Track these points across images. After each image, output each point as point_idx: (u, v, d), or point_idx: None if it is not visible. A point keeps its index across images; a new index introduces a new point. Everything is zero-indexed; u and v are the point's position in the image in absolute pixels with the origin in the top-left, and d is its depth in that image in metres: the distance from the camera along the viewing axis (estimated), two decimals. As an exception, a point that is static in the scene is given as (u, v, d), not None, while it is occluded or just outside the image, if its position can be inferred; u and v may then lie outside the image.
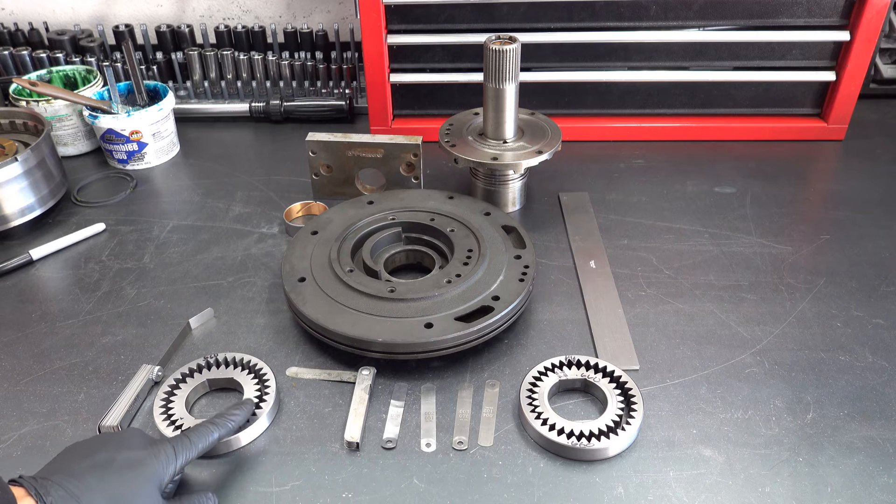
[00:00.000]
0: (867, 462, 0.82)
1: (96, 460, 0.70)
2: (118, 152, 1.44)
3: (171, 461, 0.73)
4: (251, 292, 1.11)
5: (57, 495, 0.64)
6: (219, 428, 0.80)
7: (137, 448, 0.73)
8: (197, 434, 0.78)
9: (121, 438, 0.74)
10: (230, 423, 0.81)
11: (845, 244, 1.18)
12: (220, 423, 0.80)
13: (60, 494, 0.64)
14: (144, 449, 0.73)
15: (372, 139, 1.26)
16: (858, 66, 1.40)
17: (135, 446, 0.73)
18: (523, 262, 1.03)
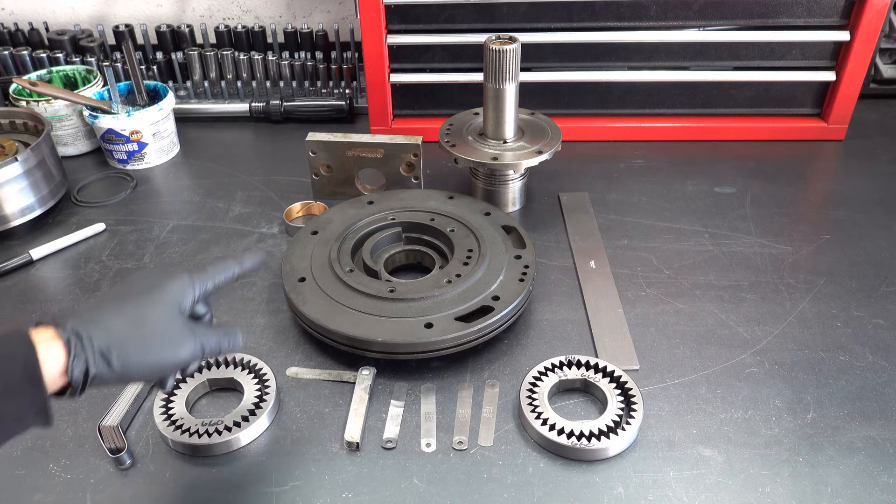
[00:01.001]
0: (867, 462, 0.82)
1: (113, 292, 0.70)
2: (118, 152, 1.44)
3: (187, 285, 0.72)
4: (251, 292, 1.11)
5: (76, 322, 0.64)
6: (237, 263, 0.78)
7: (155, 275, 0.72)
8: (214, 265, 0.76)
9: (137, 274, 0.74)
10: (247, 263, 0.79)
11: (845, 244, 1.18)
12: (238, 260, 0.79)
13: (80, 322, 0.64)
14: (162, 275, 0.72)
15: (372, 139, 1.26)
16: (858, 66, 1.40)
17: (150, 276, 0.72)
18: (523, 262, 1.03)
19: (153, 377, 0.70)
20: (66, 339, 0.62)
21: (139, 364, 0.66)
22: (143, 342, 0.66)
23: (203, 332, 0.72)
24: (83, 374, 0.62)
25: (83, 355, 0.62)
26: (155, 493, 0.81)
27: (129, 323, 0.66)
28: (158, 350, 0.67)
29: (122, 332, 0.65)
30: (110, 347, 0.64)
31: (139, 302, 0.68)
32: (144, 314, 0.67)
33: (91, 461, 0.85)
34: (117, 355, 0.64)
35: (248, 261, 0.80)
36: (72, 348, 0.62)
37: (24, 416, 0.60)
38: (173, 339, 0.68)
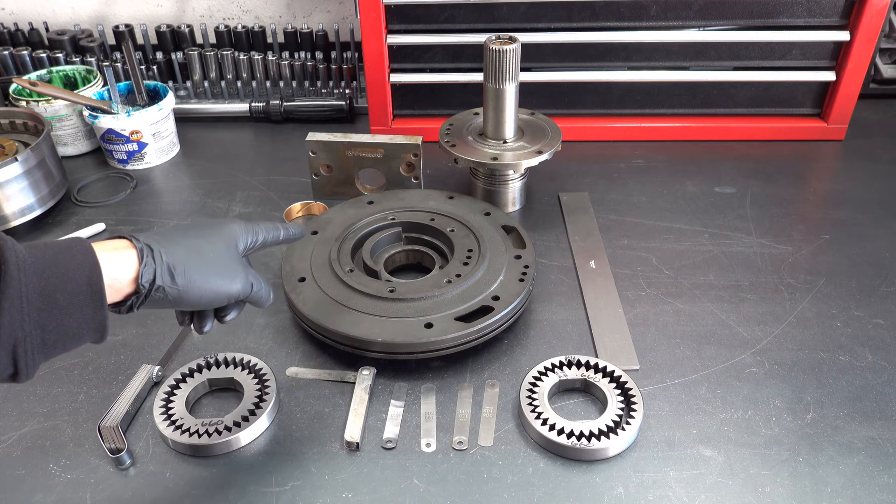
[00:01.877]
0: (867, 462, 0.82)
1: (179, 226, 0.76)
2: (118, 152, 1.44)
3: (242, 231, 0.78)
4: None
5: (146, 238, 0.69)
6: (284, 228, 0.85)
7: (214, 220, 0.81)
8: (264, 224, 0.82)
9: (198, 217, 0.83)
10: (291, 230, 0.86)
11: (845, 244, 1.18)
12: (284, 226, 0.85)
13: (150, 238, 0.70)
14: (221, 219, 0.81)
15: (372, 139, 1.26)
16: (858, 66, 1.40)
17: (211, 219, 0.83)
18: (523, 262, 1.03)
19: (204, 303, 0.73)
20: (140, 249, 0.67)
21: (197, 286, 0.70)
22: (203, 267, 0.71)
23: (252, 273, 0.77)
24: (150, 283, 0.67)
25: (153, 265, 0.67)
26: (155, 493, 0.81)
27: (194, 249, 0.72)
28: (215, 277, 0.72)
29: (187, 255, 0.71)
30: (176, 265, 0.69)
31: (203, 235, 0.74)
32: (207, 245, 0.73)
33: (91, 461, 0.85)
34: (181, 273, 0.69)
35: (293, 229, 0.87)
36: (144, 257, 0.67)
37: (83, 331, 0.63)
38: (229, 270, 0.74)
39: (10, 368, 0.59)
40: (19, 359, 0.58)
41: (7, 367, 0.59)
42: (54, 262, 0.61)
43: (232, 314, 0.78)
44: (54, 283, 0.60)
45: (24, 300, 0.57)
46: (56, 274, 0.60)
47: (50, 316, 0.60)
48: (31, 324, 0.58)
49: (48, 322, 0.60)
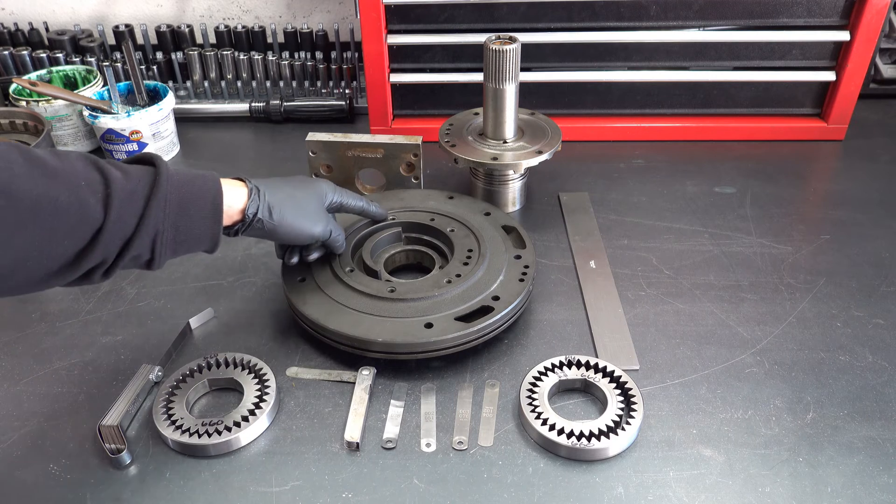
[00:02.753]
0: (867, 462, 0.82)
1: (281, 178, 0.93)
2: (118, 152, 1.44)
3: (332, 190, 0.97)
4: (251, 292, 1.11)
5: (255, 181, 0.87)
6: (365, 203, 1.03)
7: (307, 178, 0.97)
8: (348, 192, 1.01)
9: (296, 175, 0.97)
10: (373, 207, 1.05)
11: (845, 244, 1.18)
12: (367, 201, 1.04)
13: (258, 182, 0.88)
14: (314, 179, 0.97)
15: (372, 139, 1.26)
16: (858, 66, 1.40)
17: (305, 176, 0.98)
18: (523, 262, 1.03)
19: (291, 238, 0.92)
20: (250, 189, 0.86)
21: (288, 223, 0.89)
22: (295, 210, 0.90)
23: (332, 222, 0.97)
24: (253, 215, 0.85)
25: (257, 202, 0.85)
26: (155, 493, 0.81)
27: (290, 196, 0.90)
28: (303, 220, 0.91)
29: (284, 199, 0.89)
30: (274, 205, 0.87)
31: (298, 187, 0.93)
32: (301, 195, 0.92)
33: (91, 461, 0.85)
34: (277, 211, 0.87)
35: (375, 206, 1.06)
36: (252, 195, 0.85)
37: (203, 238, 0.80)
38: (314, 217, 0.93)
39: (149, 254, 0.75)
40: (156, 247, 0.75)
41: (146, 253, 0.75)
42: (191, 182, 0.78)
43: (314, 254, 0.99)
44: (189, 198, 0.77)
45: (167, 205, 0.74)
46: (191, 191, 0.78)
47: (182, 220, 0.77)
48: (169, 223, 0.75)
49: (180, 224, 0.77)
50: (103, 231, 0.70)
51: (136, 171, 0.75)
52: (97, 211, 0.70)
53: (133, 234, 0.72)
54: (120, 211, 0.71)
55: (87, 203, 0.69)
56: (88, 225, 0.70)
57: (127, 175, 0.73)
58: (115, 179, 0.72)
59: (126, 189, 0.72)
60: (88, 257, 0.71)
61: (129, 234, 0.72)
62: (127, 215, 0.72)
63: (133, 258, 0.74)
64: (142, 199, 0.73)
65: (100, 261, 0.72)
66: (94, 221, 0.70)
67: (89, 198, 0.69)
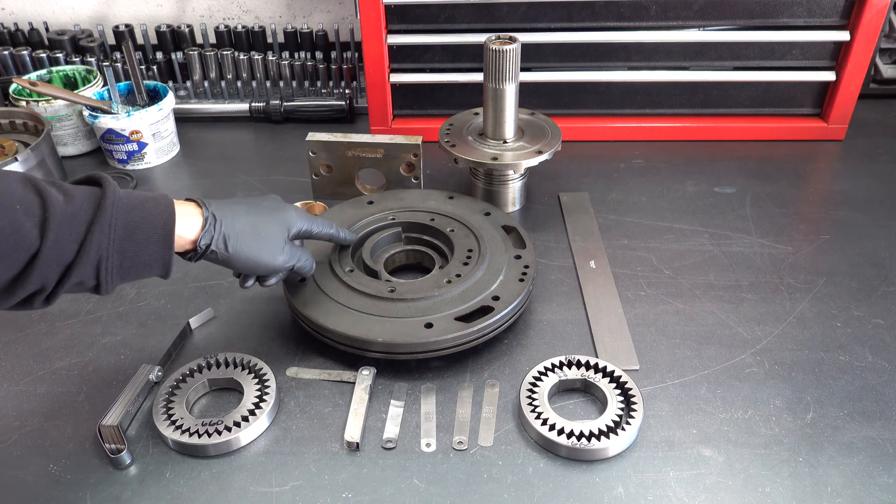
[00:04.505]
0: (867, 462, 0.82)
1: (247, 201, 0.89)
2: (118, 152, 1.44)
3: (299, 218, 0.92)
4: (251, 292, 1.10)
5: (216, 209, 0.82)
6: (336, 230, 1.00)
7: (277, 202, 0.93)
8: (318, 219, 0.97)
9: (266, 196, 0.94)
10: (342, 233, 1.01)
11: (845, 244, 1.18)
12: (337, 228, 1.00)
13: (219, 210, 0.83)
14: (282, 204, 0.93)
15: (372, 139, 1.26)
16: (858, 66, 1.40)
17: (275, 201, 0.93)
18: (523, 262, 1.03)
19: (248, 269, 0.88)
20: (205, 218, 0.81)
21: (243, 255, 0.84)
22: (254, 241, 0.85)
23: (297, 251, 0.92)
24: (206, 246, 0.80)
25: (212, 232, 0.81)
26: (155, 493, 0.81)
27: (251, 226, 0.85)
28: (261, 251, 0.86)
29: (243, 229, 0.84)
30: (231, 235, 0.82)
31: (262, 215, 0.88)
32: (262, 224, 0.87)
33: (91, 461, 0.85)
34: (233, 243, 0.83)
35: (344, 233, 1.02)
36: (206, 225, 0.80)
37: (152, 263, 0.76)
38: (275, 247, 0.88)
39: (93, 281, 0.72)
40: (101, 274, 0.71)
41: (90, 279, 0.72)
42: (141, 206, 0.75)
43: (271, 280, 0.92)
44: (137, 222, 0.74)
45: (111, 229, 0.71)
46: (140, 215, 0.74)
47: (129, 246, 0.73)
48: (114, 249, 0.72)
49: (127, 250, 0.73)
50: (39, 257, 0.67)
51: (81, 193, 0.71)
52: (32, 235, 0.67)
53: (74, 259, 0.69)
54: (58, 235, 0.68)
55: (22, 227, 0.66)
56: (23, 250, 0.66)
57: (69, 197, 0.70)
58: (54, 202, 0.68)
59: (66, 213, 0.69)
60: (25, 283, 0.68)
61: (68, 259, 0.69)
62: (66, 240, 0.68)
63: (76, 284, 0.71)
64: (84, 223, 0.69)
65: (38, 287, 0.69)
66: (29, 246, 0.67)
67: (24, 221, 0.66)
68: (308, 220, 0.94)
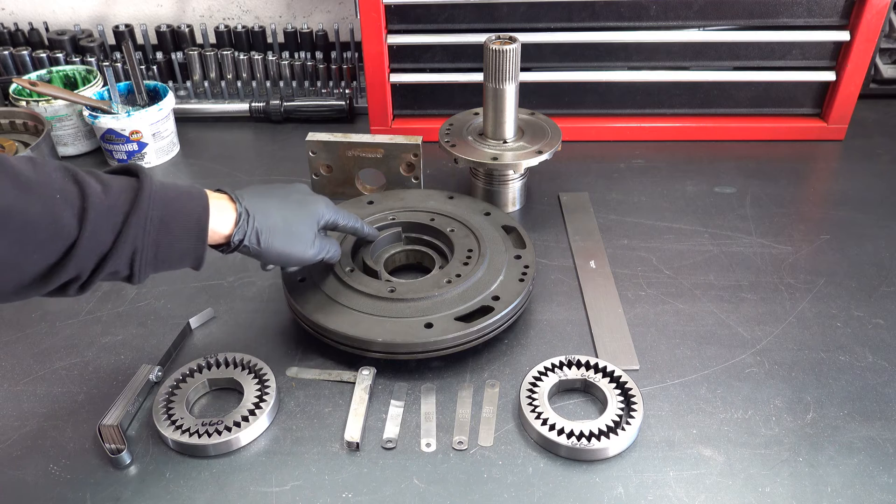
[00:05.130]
0: (867, 462, 0.82)
1: (278, 192, 0.90)
2: (118, 152, 1.44)
3: (328, 209, 0.94)
4: (251, 292, 1.11)
5: (248, 204, 0.83)
6: (362, 224, 1.01)
7: (306, 193, 0.93)
8: (346, 212, 0.98)
9: (295, 186, 0.94)
10: (366, 228, 1.03)
11: (845, 244, 1.18)
12: (357, 219, 1.00)
13: (252, 204, 0.84)
14: (311, 195, 0.94)
15: (372, 139, 1.26)
16: (858, 66, 1.40)
17: (304, 192, 0.93)
18: (523, 262, 1.03)
19: (280, 263, 0.90)
20: (239, 213, 0.82)
21: (276, 250, 0.86)
22: (286, 236, 0.87)
23: (326, 243, 0.95)
24: (239, 241, 0.82)
25: (244, 229, 0.82)
26: (155, 493, 0.81)
27: (282, 219, 0.86)
28: (293, 245, 0.88)
29: (275, 223, 0.85)
30: (262, 231, 0.84)
31: (293, 208, 0.89)
32: (294, 217, 0.88)
33: (91, 461, 0.85)
34: (265, 238, 0.84)
35: (368, 228, 1.04)
36: (240, 221, 0.82)
37: (186, 257, 0.78)
38: (306, 240, 0.90)
39: (127, 270, 0.73)
40: (135, 265, 0.72)
41: (125, 269, 0.73)
42: (177, 199, 0.76)
43: (294, 267, 0.98)
44: (172, 215, 0.74)
45: (147, 222, 0.72)
46: (175, 209, 0.75)
47: (164, 238, 0.74)
48: (149, 240, 0.73)
49: (162, 242, 0.74)
50: (77, 246, 0.68)
51: (118, 183, 0.72)
52: (71, 226, 0.67)
53: (110, 250, 0.70)
54: (95, 226, 0.68)
55: (61, 217, 0.67)
56: (62, 239, 0.67)
57: (107, 188, 0.70)
58: (93, 193, 0.69)
59: (104, 203, 0.69)
60: (61, 272, 0.68)
61: (105, 250, 0.70)
62: (103, 231, 0.69)
63: (111, 274, 0.72)
64: (121, 214, 0.70)
65: (74, 275, 0.69)
66: (67, 236, 0.67)
67: (64, 211, 0.67)
68: (335, 212, 0.95)
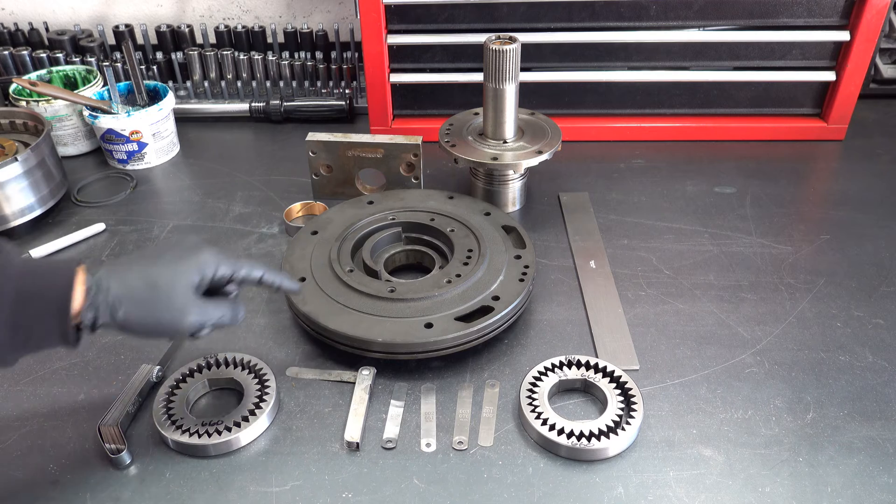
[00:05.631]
0: (867, 462, 0.82)
1: (148, 253, 0.79)
2: (118, 152, 1.44)
3: (213, 263, 0.78)
4: (251, 292, 1.11)
5: (104, 274, 0.73)
6: (267, 270, 0.84)
7: (188, 248, 0.79)
8: (247, 260, 0.83)
9: (179, 240, 0.82)
10: (275, 276, 0.85)
11: (845, 244, 1.18)
12: (270, 269, 0.84)
13: (107, 274, 0.73)
14: (192, 250, 0.78)
15: (372, 139, 1.26)
16: (858, 66, 1.40)
17: (187, 246, 0.79)
18: (523, 262, 1.03)
19: (150, 335, 0.76)
20: (88, 288, 0.71)
21: (138, 322, 0.73)
22: (150, 305, 0.74)
23: (209, 309, 0.77)
24: (91, 320, 0.71)
25: (96, 304, 0.71)
26: (155, 493, 0.81)
27: (146, 286, 0.74)
28: (160, 315, 0.74)
29: (136, 292, 0.73)
30: (120, 302, 0.72)
31: (162, 269, 0.75)
32: (162, 281, 0.74)
33: (91, 461, 0.85)
34: (124, 311, 0.72)
35: (286, 280, 0.87)
36: (90, 297, 0.71)
37: (49, 335, 0.70)
38: (178, 308, 0.75)
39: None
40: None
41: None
42: (35, 275, 0.69)
43: (203, 332, 0.78)
44: (30, 293, 0.68)
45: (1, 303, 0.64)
46: (33, 286, 0.68)
47: (21, 319, 0.67)
48: (2, 323, 0.66)
49: (19, 323, 0.67)
50: None
51: None
52: None
53: None
54: None
55: None
56: None
57: None
58: None
59: None
60: None
61: None
62: None
63: None
64: None
65: None
66: None
67: None
68: (229, 264, 0.79)
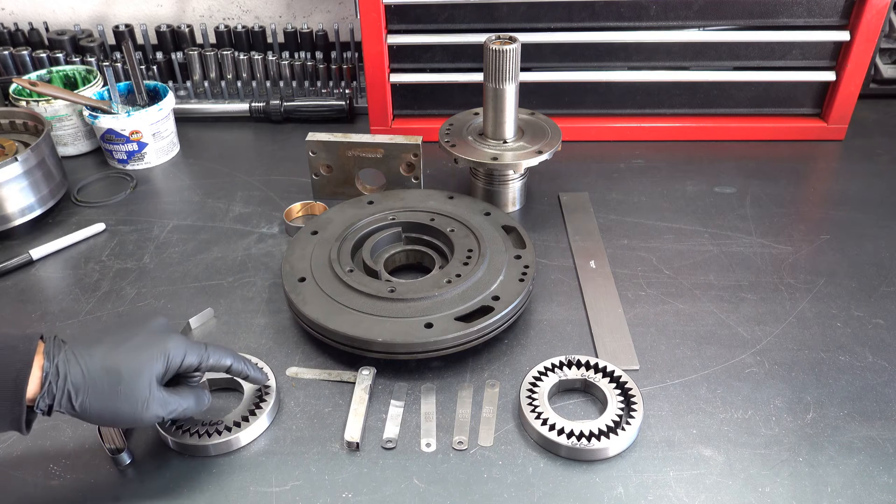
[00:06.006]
0: (867, 462, 0.82)
1: (114, 337, 0.74)
2: (118, 152, 1.44)
3: (178, 352, 0.75)
4: (251, 292, 1.11)
5: (63, 358, 0.70)
6: (235, 359, 0.82)
7: (153, 333, 0.76)
8: (214, 348, 0.80)
9: (146, 321, 0.77)
10: (247, 367, 0.84)
11: (845, 244, 1.18)
12: (238, 357, 0.83)
13: (67, 358, 0.70)
14: (157, 336, 0.75)
15: (372, 139, 1.26)
16: (858, 66, 1.40)
17: (152, 331, 0.76)
18: (523, 262, 1.03)
19: (109, 424, 0.77)
20: (45, 373, 0.69)
21: (96, 411, 0.71)
22: (109, 395, 0.71)
23: (172, 400, 0.76)
24: (47, 407, 0.69)
25: (53, 392, 0.69)
26: (155, 494, 0.81)
27: (105, 374, 0.71)
28: (119, 405, 0.72)
29: (95, 380, 0.70)
30: (80, 391, 0.70)
31: (123, 356, 0.72)
32: (123, 369, 0.72)
33: (91, 461, 0.85)
34: (82, 400, 0.70)
35: (252, 370, 0.85)
36: (46, 383, 0.68)
37: (1, 420, 0.67)
38: (138, 399, 0.72)
39: None
40: None
41: None
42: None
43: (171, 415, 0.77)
44: None
45: None
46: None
47: None
48: None
49: None
50: None
51: None
52: None
53: None
54: None
55: None
56: None
57: None
58: None
59: None
60: None
61: None
62: None
63: None
64: None
65: None
66: None
67: None
68: (197, 354, 0.77)
